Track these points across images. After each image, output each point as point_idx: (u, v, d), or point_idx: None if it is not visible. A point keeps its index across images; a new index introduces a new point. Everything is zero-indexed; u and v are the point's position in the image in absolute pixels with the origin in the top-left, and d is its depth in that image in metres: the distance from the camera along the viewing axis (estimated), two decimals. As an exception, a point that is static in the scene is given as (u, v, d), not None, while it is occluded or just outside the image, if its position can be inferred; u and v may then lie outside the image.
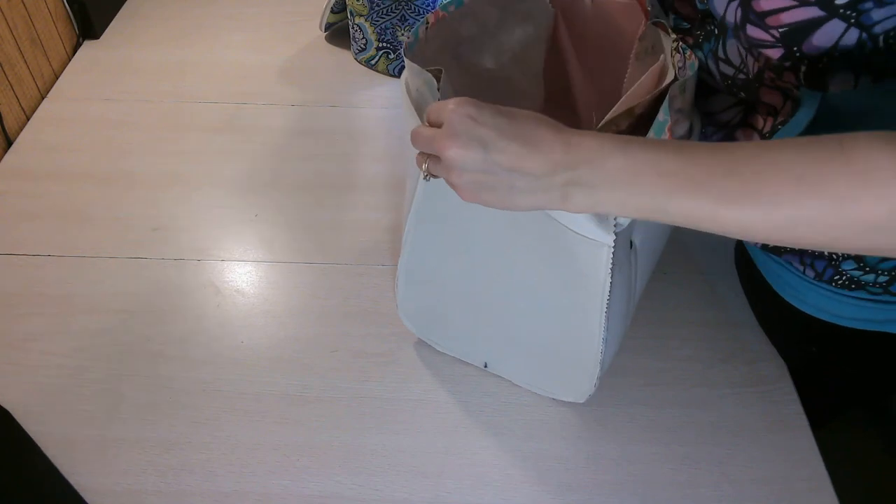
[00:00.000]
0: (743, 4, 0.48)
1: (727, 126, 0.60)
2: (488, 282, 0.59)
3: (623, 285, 0.56)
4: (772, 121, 0.55)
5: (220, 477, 0.58)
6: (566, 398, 0.63)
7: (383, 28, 0.97)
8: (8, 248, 0.75)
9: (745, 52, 0.53)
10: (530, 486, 0.58)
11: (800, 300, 0.61)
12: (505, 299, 0.59)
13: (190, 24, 1.10)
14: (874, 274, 0.55)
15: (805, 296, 0.60)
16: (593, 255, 0.51)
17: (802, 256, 0.59)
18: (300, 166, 0.86)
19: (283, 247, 0.77)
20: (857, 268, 0.55)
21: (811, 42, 0.47)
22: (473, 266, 0.59)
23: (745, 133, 0.58)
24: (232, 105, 0.95)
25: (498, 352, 0.64)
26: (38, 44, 0.95)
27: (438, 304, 0.64)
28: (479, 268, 0.59)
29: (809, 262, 0.58)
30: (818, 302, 0.59)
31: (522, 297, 0.58)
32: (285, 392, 0.64)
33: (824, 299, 0.59)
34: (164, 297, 0.71)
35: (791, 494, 0.58)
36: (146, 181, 0.83)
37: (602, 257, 0.50)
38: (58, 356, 0.65)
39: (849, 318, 0.58)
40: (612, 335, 0.57)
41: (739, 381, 0.65)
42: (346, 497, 0.57)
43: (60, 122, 0.91)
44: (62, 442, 0.59)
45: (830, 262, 0.56)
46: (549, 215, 0.50)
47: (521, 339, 0.61)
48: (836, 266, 0.56)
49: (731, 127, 0.60)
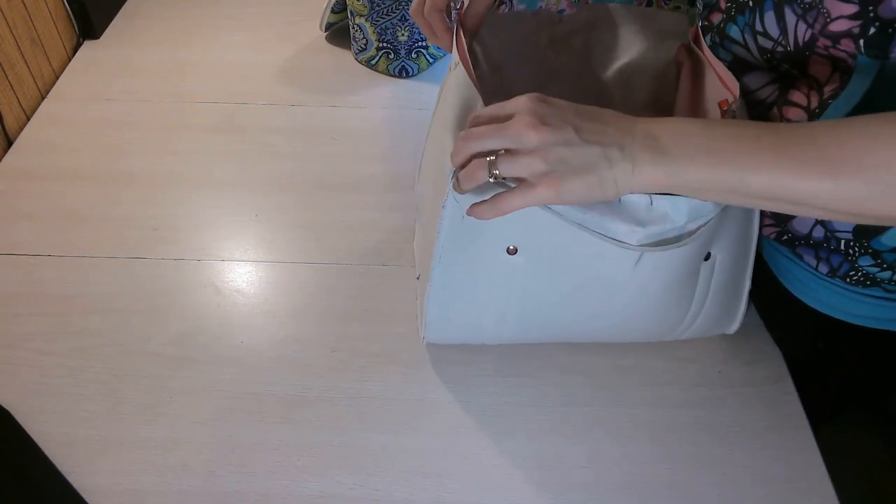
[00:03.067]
0: None
1: (762, 104, 0.58)
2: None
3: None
4: (817, 96, 0.53)
5: (220, 477, 0.58)
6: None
7: (384, 28, 0.97)
8: (8, 248, 0.75)
9: (798, 18, 0.51)
10: (530, 486, 0.58)
11: (809, 296, 0.60)
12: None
13: (190, 24, 1.10)
14: (891, 271, 0.54)
15: (815, 292, 0.59)
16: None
17: (818, 251, 0.57)
18: (300, 166, 0.86)
19: (283, 247, 0.77)
20: (875, 264, 0.54)
21: (890, 3, 0.45)
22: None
23: (787, 111, 0.56)
24: (232, 105, 0.95)
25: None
26: (38, 44, 0.95)
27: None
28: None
29: (825, 256, 0.57)
30: (829, 298, 0.59)
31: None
32: (285, 392, 0.64)
33: (835, 296, 0.58)
34: (164, 297, 0.71)
35: (791, 494, 0.58)
36: (146, 181, 0.83)
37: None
38: (57, 356, 0.65)
39: (860, 315, 0.58)
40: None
41: (739, 381, 0.65)
42: (346, 497, 0.57)
43: (60, 122, 0.91)
44: (62, 442, 0.59)
45: (847, 258, 0.55)
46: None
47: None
48: (852, 262, 0.55)
49: (767, 105, 0.58)
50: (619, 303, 0.58)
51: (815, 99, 0.53)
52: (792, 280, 0.61)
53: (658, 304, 0.59)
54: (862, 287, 0.56)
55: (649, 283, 0.56)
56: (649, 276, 0.55)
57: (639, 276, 0.55)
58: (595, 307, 0.59)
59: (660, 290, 0.57)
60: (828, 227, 0.56)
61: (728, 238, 0.57)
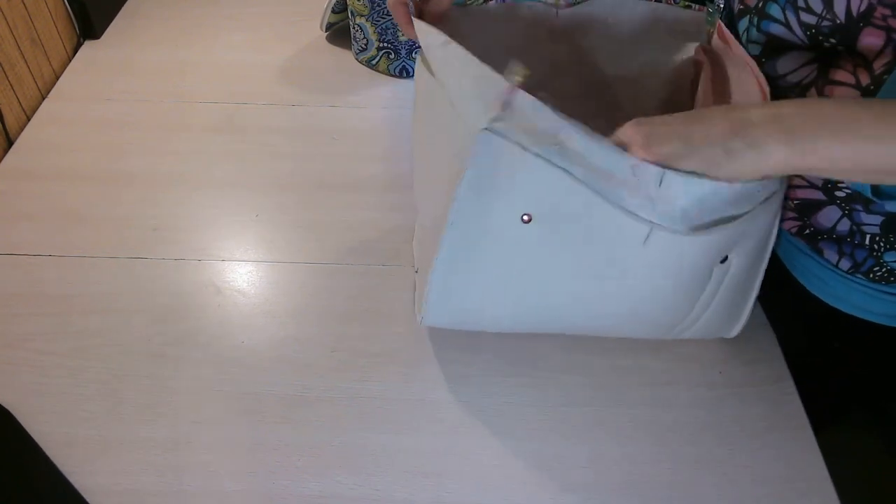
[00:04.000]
0: None
1: (798, 86, 0.57)
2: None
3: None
4: (867, 72, 0.51)
5: (220, 477, 0.58)
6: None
7: (384, 28, 0.97)
8: (8, 248, 0.75)
9: None
10: (530, 486, 0.58)
11: (827, 292, 0.59)
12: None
13: (190, 24, 1.10)
14: None
15: (834, 288, 0.58)
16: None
17: (841, 245, 0.56)
18: (300, 166, 0.86)
19: (283, 247, 0.77)
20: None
21: None
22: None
23: (828, 91, 0.55)
24: (232, 105, 0.95)
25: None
26: (38, 44, 0.95)
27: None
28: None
29: (849, 251, 0.56)
30: (847, 295, 0.58)
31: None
32: (285, 392, 0.64)
33: (855, 293, 0.57)
34: (164, 297, 0.71)
35: (791, 494, 0.58)
36: (146, 181, 0.83)
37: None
38: (57, 356, 0.65)
39: (880, 313, 0.57)
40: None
41: (739, 381, 0.65)
42: (346, 497, 0.57)
43: (60, 122, 0.91)
44: (62, 442, 0.59)
45: (872, 253, 0.54)
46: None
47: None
48: (878, 257, 0.54)
49: (802, 87, 0.56)
50: (625, 286, 0.56)
51: (865, 76, 0.51)
52: (808, 276, 0.60)
53: (664, 294, 0.57)
54: (885, 283, 0.55)
55: (657, 267, 0.54)
56: (658, 259, 0.54)
57: (648, 255, 0.53)
58: (600, 289, 0.57)
59: (668, 278, 0.56)
60: (854, 220, 0.55)
61: (748, 244, 0.56)
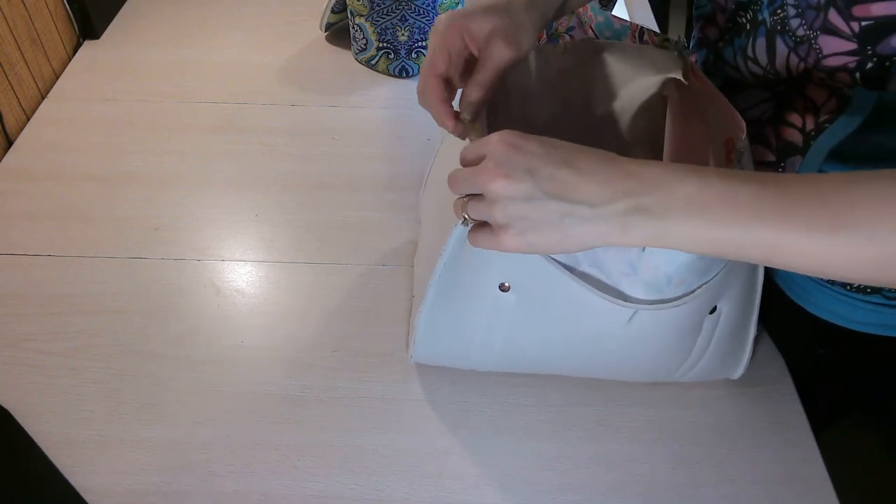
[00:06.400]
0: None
1: (757, 122, 0.57)
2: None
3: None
4: (813, 118, 0.52)
5: (221, 477, 0.58)
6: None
7: (384, 28, 0.97)
8: (8, 248, 0.75)
9: (790, 50, 0.50)
10: (530, 486, 0.58)
11: (810, 302, 0.60)
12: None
13: (190, 24, 1.10)
14: None
15: (816, 298, 0.59)
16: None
17: None
18: (300, 166, 0.86)
19: (283, 247, 0.77)
20: None
21: (889, 42, 0.44)
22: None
23: (782, 131, 0.55)
24: (232, 105, 0.95)
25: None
26: (38, 44, 0.95)
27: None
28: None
29: None
30: (830, 305, 0.59)
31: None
32: (285, 392, 0.64)
33: (836, 302, 0.58)
34: (163, 297, 0.71)
35: (791, 494, 0.58)
36: (146, 181, 0.83)
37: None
38: (57, 356, 0.65)
39: (860, 322, 0.57)
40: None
41: (739, 381, 0.65)
42: (347, 497, 0.57)
43: (60, 122, 0.91)
44: (62, 442, 0.59)
45: None
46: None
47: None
48: None
49: (762, 123, 0.57)
50: (610, 353, 0.57)
51: (811, 121, 0.53)
52: (793, 287, 0.61)
53: (653, 354, 0.57)
54: (863, 294, 0.56)
55: (643, 338, 0.54)
56: (644, 332, 0.53)
57: (632, 331, 0.53)
58: (583, 355, 0.58)
59: (655, 343, 0.55)
60: None
61: (735, 288, 0.55)
